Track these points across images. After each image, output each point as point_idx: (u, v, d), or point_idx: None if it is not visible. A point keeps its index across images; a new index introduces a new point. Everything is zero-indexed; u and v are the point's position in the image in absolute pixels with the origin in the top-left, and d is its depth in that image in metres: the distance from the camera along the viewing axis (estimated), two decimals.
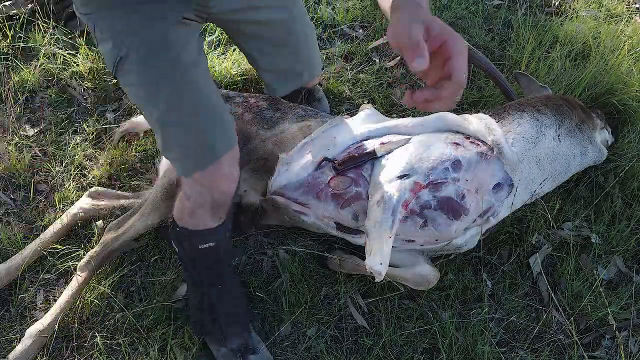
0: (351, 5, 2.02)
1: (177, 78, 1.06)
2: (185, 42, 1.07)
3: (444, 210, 1.29)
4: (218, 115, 1.12)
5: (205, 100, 1.09)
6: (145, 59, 1.04)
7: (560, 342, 1.40)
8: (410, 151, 1.32)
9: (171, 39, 1.04)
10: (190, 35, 1.09)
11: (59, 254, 1.44)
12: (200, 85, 1.08)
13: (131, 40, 1.03)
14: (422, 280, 1.35)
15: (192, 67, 1.07)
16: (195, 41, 1.11)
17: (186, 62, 1.06)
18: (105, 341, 1.33)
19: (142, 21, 1.03)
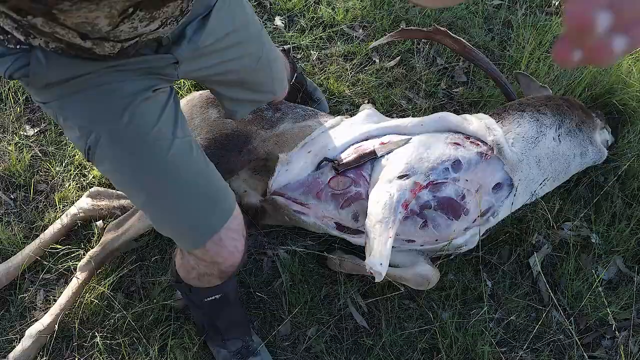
0: (351, 5, 2.03)
1: (154, 162, 0.93)
2: (157, 117, 0.92)
3: (443, 210, 1.29)
4: (207, 189, 1.00)
5: (189, 179, 0.96)
6: (116, 146, 0.92)
7: (560, 342, 1.40)
8: (410, 151, 1.32)
9: (141, 120, 0.90)
10: (162, 106, 0.94)
11: (59, 254, 1.44)
12: (181, 163, 0.95)
13: (97, 126, 0.90)
14: (422, 281, 1.35)
15: (169, 144, 0.93)
16: (168, 109, 0.96)
17: (161, 142, 0.92)
18: (105, 341, 1.33)
19: (106, 104, 0.89)
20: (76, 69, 0.83)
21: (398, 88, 1.83)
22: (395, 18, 1.99)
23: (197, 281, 1.08)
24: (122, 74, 0.88)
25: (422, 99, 1.82)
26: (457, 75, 1.90)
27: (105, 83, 0.87)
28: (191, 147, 0.98)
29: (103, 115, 0.89)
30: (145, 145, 0.92)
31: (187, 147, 0.97)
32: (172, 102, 0.97)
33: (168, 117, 0.95)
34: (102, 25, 0.70)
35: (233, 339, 1.27)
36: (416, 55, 1.91)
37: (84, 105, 0.89)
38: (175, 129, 0.95)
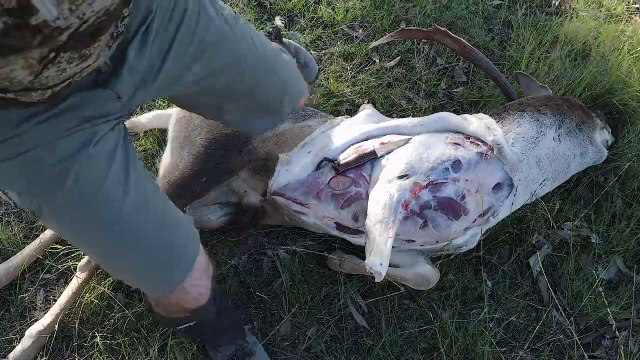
0: (351, 5, 2.03)
1: (106, 226, 0.82)
2: (104, 174, 0.79)
3: (443, 210, 1.29)
4: (168, 242, 0.91)
5: (147, 236, 0.87)
6: (61, 216, 0.81)
7: (560, 342, 1.40)
8: (410, 151, 1.32)
9: (85, 182, 0.77)
10: (108, 158, 0.79)
11: (59, 253, 1.44)
12: (137, 221, 0.84)
13: (36, 197, 0.78)
14: (422, 281, 1.35)
15: (120, 203, 0.81)
16: (118, 160, 0.81)
17: (112, 202, 0.80)
18: (105, 341, 1.33)
19: (40, 176, 0.75)
20: (1, 122, 0.68)
21: (398, 88, 1.84)
22: (395, 18, 2.00)
23: (165, 313, 1.04)
24: (53, 130, 0.72)
25: (422, 99, 1.82)
26: (457, 75, 1.90)
27: (33, 148, 0.72)
28: (146, 198, 0.85)
29: (39, 186, 0.76)
30: (94, 209, 0.80)
31: (142, 200, 0.84)
32: (120, 148, 0.81)
33: (117, 169, 0.80)
34: (22, 77, 0.57)
35: (226, 345, 1.27)
36: (416, 55, 1.91)
37: (17, 173, 0.75)
38: (127, 183, 0.81)
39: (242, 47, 0.95)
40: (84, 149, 0.75)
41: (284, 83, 1.11)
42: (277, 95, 1.10)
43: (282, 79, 1.10)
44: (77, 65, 0.61)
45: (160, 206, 0.90)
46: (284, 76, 1.11)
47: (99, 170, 0.78)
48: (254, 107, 1.08)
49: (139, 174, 0.85)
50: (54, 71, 0.59)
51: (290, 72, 1.15)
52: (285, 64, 1.12)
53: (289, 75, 1.14)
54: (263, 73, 1.03)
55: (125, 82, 0.77)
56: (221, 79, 0.94)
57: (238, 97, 1.02)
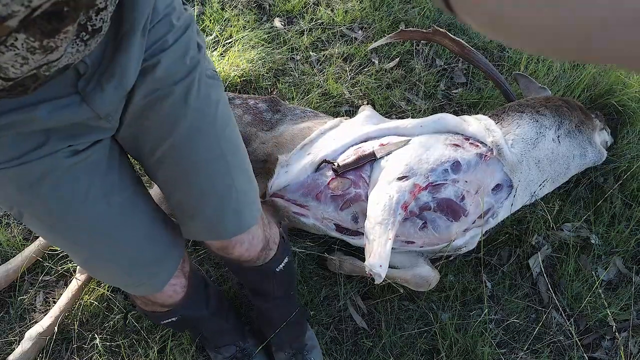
0: (350, 6, 2.03)
1: (84, 234, 0.80)
2: (86, 181, 0.75)
3: (443, 211, 1.29)
4: (151, 251, 0.88)
5: (132, 245, 0.85)
6: (41, 224, 0.78)
7: (560, 343, 1.40)
8: (410, 153, 1.32)
9: (61, 188, 0.74)
10: (91, 167, 0.76)
11: (58, 255, 1.44)
12: (121, 229, 0.82)
13: (15, 201, 0.75)
14: (422, 282, 1.35)
15: (104, 211, 0.78)
16: (103, 168, 0.78)
17: (92, 213, 0.78)
18: (105, 343, 1.33)
19: (15, 183, 0.72)
20: None
21: (397, 89, 1.84)
22: (395, 19, 2.00)
23: (145, 307, 1.03)
24: (24, 134, 0.67)
25: (421, 100, 1.82)
26: (456, 76, 1.91)
27: (5, 161, 0.68)
28: (134, 203, 0.82)
29: (15, 195, 0.73)
30: (70, 216, 0.77)
31: (129, 207, 0.81)
32: (105, 161, 0.77)
33: (101, 181, 0.77)
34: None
35: (225, 346, 1.26)
36: (415, 57, 1.91)
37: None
38: (111, 193, 0.78)
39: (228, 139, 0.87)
40: (61, 160, 0.72)
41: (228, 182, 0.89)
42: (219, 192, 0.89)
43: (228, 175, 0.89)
44: (41, 57, 0.55)
45: (146, 207, 0.87)
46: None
47: (78, 182, 0.75)
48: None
49: (127, 185, 0.82)
50: (11, 57, 0.53)
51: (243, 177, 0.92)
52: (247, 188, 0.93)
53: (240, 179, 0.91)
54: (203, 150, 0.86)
55: (106, 99, 0.69)
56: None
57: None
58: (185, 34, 0.78)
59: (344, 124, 1.48)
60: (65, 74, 0.62)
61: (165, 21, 0.75)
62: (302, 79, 1.84)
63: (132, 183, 0.84)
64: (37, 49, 0.53)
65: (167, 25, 0.75)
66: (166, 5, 0.75)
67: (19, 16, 0.48)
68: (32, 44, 0.52)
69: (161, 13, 0.74)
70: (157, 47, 0.75)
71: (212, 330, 1.21)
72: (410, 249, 1.37)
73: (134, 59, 0.69)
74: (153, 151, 0.83)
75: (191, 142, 0.82)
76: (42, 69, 0.57)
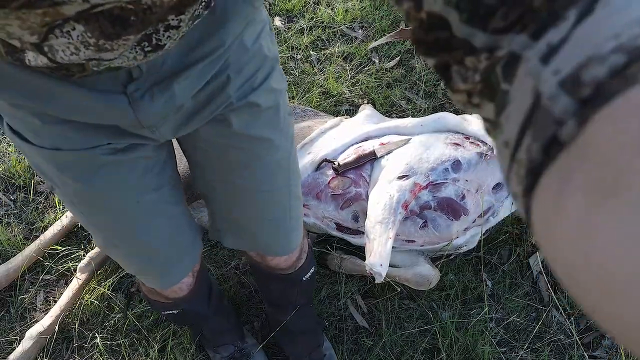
0: (350, 5, 2.03)
1: (107, 224, 0.80)
2: (122, 180, 0.74)
3: (443, 210, 1.29)
4: (165, 255, 0.89)
5: (143, 246, 0.85)
6: (69, 201, 0.77)
7: (561, 341, 1.40)
8: (410, 152, 1.32)
9: (98, 182, 0.72)
10: (132, 168, 0.74)
11: (59, 255, 1.44)
12: (140, 228, 0.82)
13: (50, 178, 0.74)
14: (422, 281, 1.35)
15: (128, 209, 0.78)
16: (142, 169, 0.75)
17: (119, 208, 0.77)
18: (106, 342, 1.33)
19: (55, 159, 0.69)
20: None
21: (397, 88, 1.84)
22: (395, 18, 2.00)
23: (149, 295, 1.04)
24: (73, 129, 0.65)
25: (421, 99, 1.82)
26: None
27: (50, 147, 0.67)
28: (164, 206, 0.82)
29: (49, 171, 0.72)
30: (101, 207, 0.77)
31: (158, 209, 0.81)
32: (143, 165, 0.74)
33: (138, 180, 0.75)
34: (23, 35, 0.48)
35: (224, 345, 1.26)
36: (415, 56, 1.91)
37: (32, 153, 0.70)
38: (144, 192, 0.77)
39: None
40: (98, 157, 0.69)
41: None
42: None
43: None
44: (93, 53, 0.52)
45: (171, 223, 0.86)
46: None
47: (110, 177, 0.73)
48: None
49: (163, 187, 0.80)
50: (63, 43, 0.49)
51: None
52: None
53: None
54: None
55: (154, 111, 0.64)
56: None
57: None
58: (271, 77, 0.73)
59: (344, 123, 1.48)
60: (116, 72, 0.59)
61: (251, 59, 0.70)
62: (302, 78, 1.83)
63: (168, 186, 0.82)
64: (92, 46, 0.50)
65: (254, 65, 0.70)
66: (254, 39, 0.69)
67: (75, 7, 0.45)
68: (87, 39, 0.49)
69: (250, 50, 0.68)
70: (242, 92, 0.71)
71: (212, 329, 1.21)
72: (411, 248, 1.37)
73: (194, 82, 0.65)
74: (216, 171, 0.82)
75: (266, 176, 0.82)
76: (92, 63, 0.54)
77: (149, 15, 0.48)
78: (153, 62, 0.60)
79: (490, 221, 1.36)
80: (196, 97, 0.67)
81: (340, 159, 1.36)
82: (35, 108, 0.62)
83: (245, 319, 1.41)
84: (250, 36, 0.68)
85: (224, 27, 0.62)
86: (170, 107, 0.65)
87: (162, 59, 0.61)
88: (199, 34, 0.61)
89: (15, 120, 0.66)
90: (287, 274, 1.04)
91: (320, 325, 1.31)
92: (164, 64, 0.61)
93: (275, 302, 1.18)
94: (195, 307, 1.07)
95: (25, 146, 0.68)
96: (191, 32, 0.58)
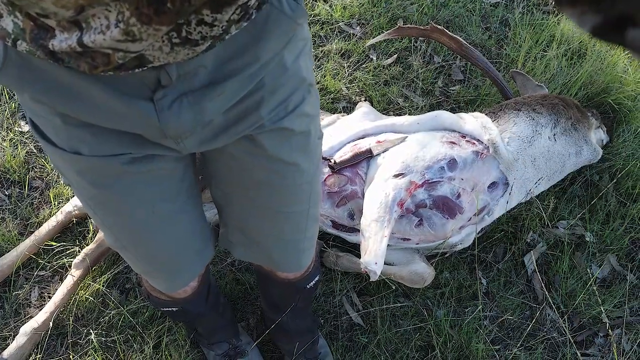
0: (348, 2, 2.02)
1: (120, 227, 0.80)
2: (139, 188, 0.73)
3: (439, 209, 1.30)
4: (174, 262, 0.89)
5: (153, 251, 0.84)
6: (84, 200, 0.76)
7: (554, 339, 1.41)
8: (406, 150, 1.32)
9: (115, 190, 0.71)
10: (150, 177, 0.72)
11: (53, 251, 1.44)
12: (152, 235, 0.81)
13: (67, 175, 0.73)
14: (417, 278, 1.35)
15: (141, 216, 0.77)
16: (159, 179, 0.74)
17: (132, 214, 0.76)
18: (100, 338, 1.33)
19: (73, 163, 0.68)
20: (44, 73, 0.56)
21: (395, 86, 1.83)
22: (393, 16, 1.99)
23: (150, 290, 1.04)
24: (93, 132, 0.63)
25: (419, 97, 1.82)
26: (454, 73, 1.90)
27: (69, 150, 0.65)
28: (179, 216, 0.81)
29: (65, 170, 0.71)
30: (114, 211, 0.76)
31: (172, 218, 0.80)
32: (161, 175, 0.73)
33: (154, 189, 0.74)
34: (57, 10, 0.46)
35: (218, 343, 1.26)
36: (413, 53, 1.91)
37: (50, 151, 0.69)
38: (160, 201, 0.76)
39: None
40: (117, 166, 0.68)
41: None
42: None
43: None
44: (119, 39, 0.48)
45: (184, 232, 0.85)
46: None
47: (128, 185, 0.71)
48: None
49: (179, 198, 0.79)
50: (100, 11, 0.46)
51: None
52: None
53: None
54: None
55: (179, 122, 0.61)
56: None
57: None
58: (305, 101, 0.71)
59: (341, 120, 1.47)
60: (143, 74, 0.55)
61: (288, 80, 0.67)
62: None
63: (185, 196, 0.80)
64: (123, 23, 0.46)
65: (290, 87, 0.68)
66: (294, 58, 0.66)
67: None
68: (124, 11, 0.45)
69: (289, 69, 0.65)
70: (275, 115, 0.68)
71: (207, 327, 1.21)
72: (406, 246, 1.37)
73: (226, 98, 0.62)
74: (236, 185, 0.80)
75: (287, 198, 0.81)
76: (118, 55, 0.50)
77: (187, 6, 0.46)
78: (185, 70, 0.56)
79: (485, 220, 1.37)
80: (227, 113, 0.64)
81: (337, 156, 1.36)
82: (58, 106, 0.60)
83: (240, 315, 1.41)
84: (290, 55, 0.65)
85: (262, 41, 0.59)
86: (198, 120, 0.62)
87: (195, 70, 0.57)
88: (235, 46, 0.57)
89: (38, 117, 0.65)
90: (291, 282, 1.04)
91: (315, 324, 1.31)
92: (196, 75, 0.57)
93: (274, 303, 1.19)
94: (194, 306, 1.07)
95: (45, 144, 0.67)
96: (228, 43, 0.55)
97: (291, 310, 1.16)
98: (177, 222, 0.82)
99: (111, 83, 0.56)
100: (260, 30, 0.58)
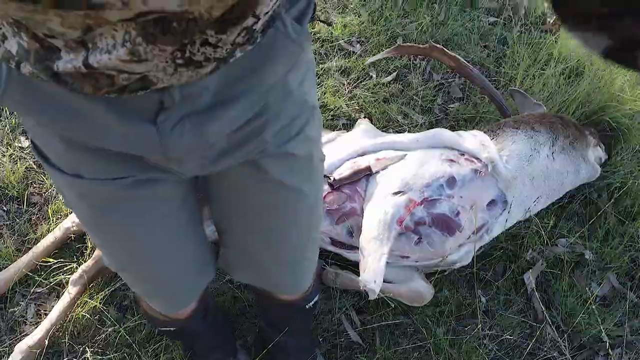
0: (349, 20, 2.04)
1: (117, 249, 0.80)
2: (138, 212, 0.72)
3: (438, 226, 1.30)
4: (173, 285, 0.89)
5: (152, 274, 0.84)
6: (82, 220, 0.77)
7: (554, 359, 1.40)
8: (406, 168, 1.33)
9: (114, 214, 0.71)
10: (150, 201, 0.72)
11: (51, 267, 1.43)
12: (151, 258, 0.80)
13: (67, 196, 0.73)
14: (416, 296, 1.35)
15: (140, 240, 0.77)
16: (159, 201, 0.73)
17: (131, 238, 0.76)
18: (96, 356, 1.31)
19: (73, 186, 0.68)
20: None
21: (394, 103, 1.85)
22: (392, 34, 2.01)
23: (148, 310, 1.03)
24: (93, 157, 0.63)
25: (418, 115, 1.83)
26: (453, 91, 1.92)
27: (70, 173, 0.65)
28: (179, 239, 0.81)
29: (66, 192, 0.71)
30: (112, 236, 0.76)
31: (172, 242, 0.80)
32: (161, 199, 0.72)
33: (154, 214, 0.73)
34: (64, 31, 0.46)
35: None
36: (412, 71, 1.93)
37: (50, 173, 0.69)
38: (159, 225, 0.76)
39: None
40: (117, 190, 0.67)
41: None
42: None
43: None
44: (127, 55, 0.48)
45: (184, 255, 0.85)
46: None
47: (127, 209, 0.71)
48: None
49: (179, 221, 0.79)
50: (104, 45, 0.47)
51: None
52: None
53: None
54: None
55: (181, 144, 0.60)
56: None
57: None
58: (308, 125, 0.70)
59: (340, 137, 1.48)
60: (146, 96, 0.54)
61: (292, 104, 0.67)
62: None
63: (185, 219, 0.80)
64: (129, 42, 0.46)
65: (294, 111, 0.67)
66: (298, 82, 0.65)
67: (117, 14, 0.42)
68: (130, 30, 0.45)
69: (293, 93, 0.65)
70: (279, 139, 0.68)
71: (205, 346, 1.20)
72: (405, 264, 1.37)
73: (230, 121, 0.61)
74: (237, 207, 0.80)
75: (288, 221, 0.81)
76: (122, 76, 0.50)
77: (192, 26, 0.46)
78: (188, 92, 0.55)
79: (484, 238, 1.36)
80: (230, 137, 0.64)
81: (336, 173, 1.36)
82: (60, 129, 0.60)
83: (238, 333, 1.40)
84: (294, 79, 0.64)
85: (267, 65, 0.58)
86: (200, 143, 0.61)
87: (198, 92, 0.56)
88: (240, 69, 0.57)
89: (40, 139, 0.65)
90: (290, 302, 1.04)
91: (314, 342, 1.30)
92: (199, 97, 0.57)
93: (272, 322, 1.18)
94: (192, 326, 1.06)
95: (47, 166, 0.67)
96: (232, 66, 0.54)
97: (290, 329, 1.15)
98: (178, 246, 0.82)
99: (114, 105, 0.56)
100: (265, 54, 0.58)
